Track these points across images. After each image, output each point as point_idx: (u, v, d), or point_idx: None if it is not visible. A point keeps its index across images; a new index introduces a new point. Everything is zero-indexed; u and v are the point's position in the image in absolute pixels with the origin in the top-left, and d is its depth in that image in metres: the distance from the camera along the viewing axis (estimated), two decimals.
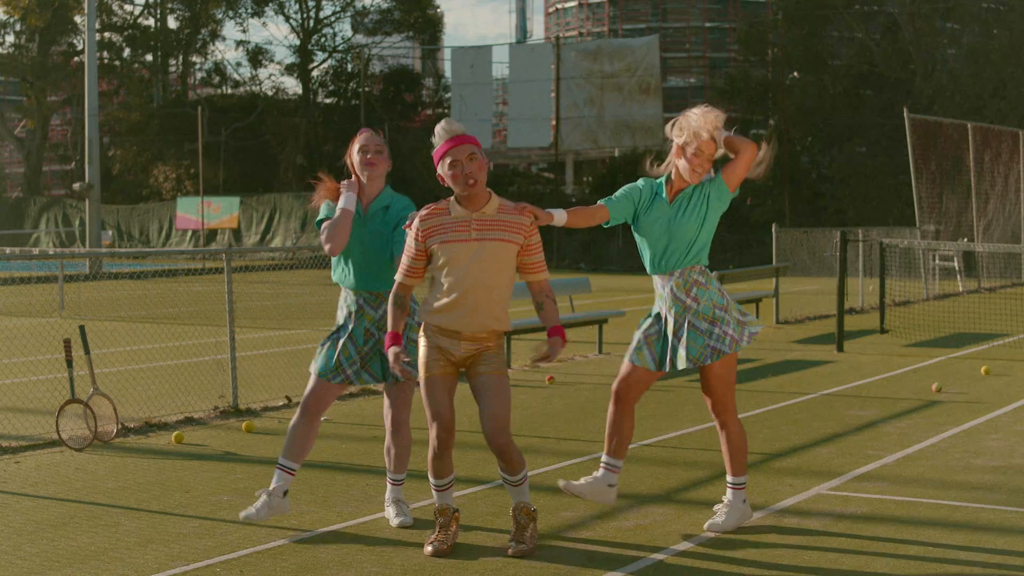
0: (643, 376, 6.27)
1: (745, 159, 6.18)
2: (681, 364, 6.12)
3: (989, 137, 26.44)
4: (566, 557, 5.81)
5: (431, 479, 6.01)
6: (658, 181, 6.30)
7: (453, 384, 5.93)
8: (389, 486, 6.65)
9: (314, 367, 6.40)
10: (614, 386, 6.32)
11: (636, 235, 6.33)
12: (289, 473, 6.34)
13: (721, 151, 6.20)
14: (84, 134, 34.27)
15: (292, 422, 6.42)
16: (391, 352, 5.87)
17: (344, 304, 6.46)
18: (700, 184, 6.21)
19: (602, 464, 6.34)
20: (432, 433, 5.88)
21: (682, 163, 6.15)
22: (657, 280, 6.28)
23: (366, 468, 7.83)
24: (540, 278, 5.96)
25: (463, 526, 6.31)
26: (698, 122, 6.10)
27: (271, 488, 6.32)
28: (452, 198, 5.85)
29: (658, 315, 6.30)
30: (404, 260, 5.88)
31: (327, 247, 6.25)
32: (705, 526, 6.28)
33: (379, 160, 6.36)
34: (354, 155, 6.43)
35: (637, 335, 6.31)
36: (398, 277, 5.92)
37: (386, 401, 6.57)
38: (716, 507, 6.43)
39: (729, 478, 6.33)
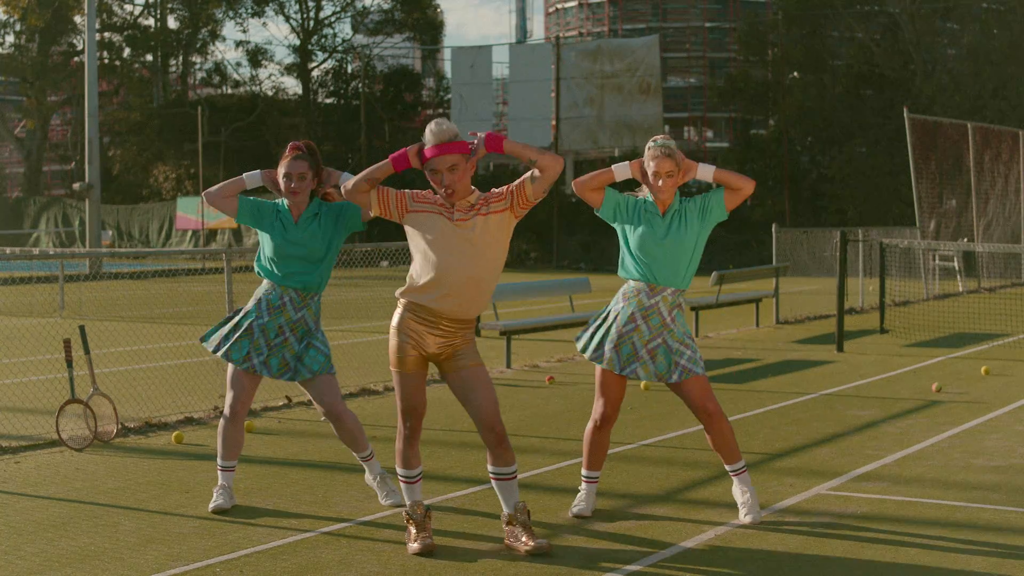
0: (618, 382, 6.45)
1: (744, 193, 6.36)
2: (644, 377, 6.31)
3: (989, 137, 26.43)
4: (566, 557, 5.81)
5: (400, 471, 6.01)
6: (644, 198, 6.43)
7: (424, 376, 5.98)
8: (366, 466, 6.90)
9: (217, 351, 6.63)
10: (603, 412, 6.47)
11: (627, 244, 6.42)
12: (232, 471, 6.81)
13: (687, 175, 6.37)
14: (84, 134, 34.25)
15: (222, 427, 6.75)
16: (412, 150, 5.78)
17: (263, 295, 6.66)
18: (693, 198, 6.41)
19: (588, 480, 6.63)
20: (406, 424, 5.95)
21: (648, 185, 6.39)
22: (641, 286, 6.34)
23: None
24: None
25: (464, 525, 6.31)
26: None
27: (227, 485, 6.76)
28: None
29: (624, 317, 6.34)
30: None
31: (206, 193, 6.69)
32: (747, 520, 6.34)
33: (301, 188, 6.62)
34: (279, 175, 6.64)
35: (612, 336, 6.34)
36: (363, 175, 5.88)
37: (315, 400, 6.76)
38: (739, 501, 6.46)
39: (731, 467, 6.46)
